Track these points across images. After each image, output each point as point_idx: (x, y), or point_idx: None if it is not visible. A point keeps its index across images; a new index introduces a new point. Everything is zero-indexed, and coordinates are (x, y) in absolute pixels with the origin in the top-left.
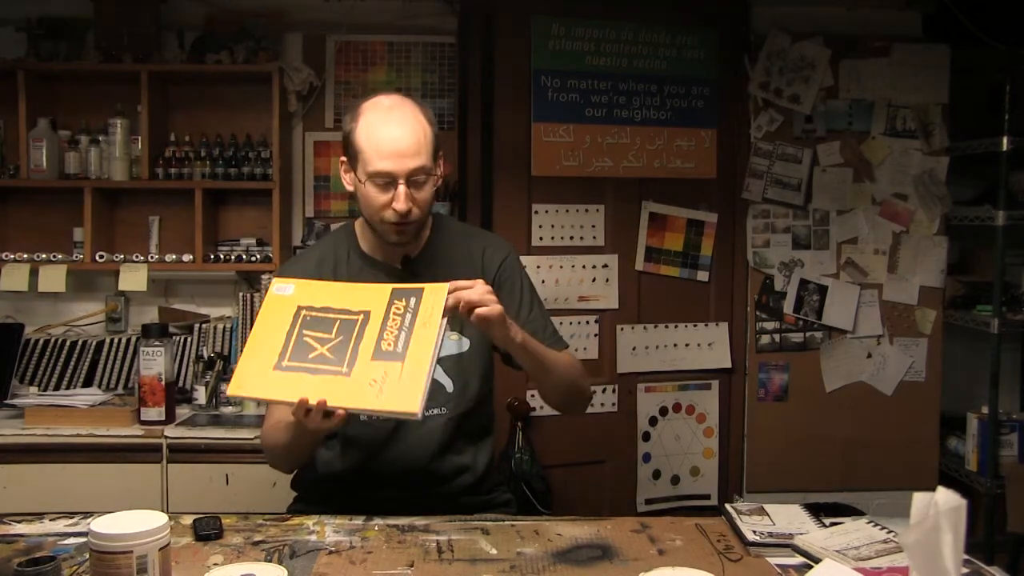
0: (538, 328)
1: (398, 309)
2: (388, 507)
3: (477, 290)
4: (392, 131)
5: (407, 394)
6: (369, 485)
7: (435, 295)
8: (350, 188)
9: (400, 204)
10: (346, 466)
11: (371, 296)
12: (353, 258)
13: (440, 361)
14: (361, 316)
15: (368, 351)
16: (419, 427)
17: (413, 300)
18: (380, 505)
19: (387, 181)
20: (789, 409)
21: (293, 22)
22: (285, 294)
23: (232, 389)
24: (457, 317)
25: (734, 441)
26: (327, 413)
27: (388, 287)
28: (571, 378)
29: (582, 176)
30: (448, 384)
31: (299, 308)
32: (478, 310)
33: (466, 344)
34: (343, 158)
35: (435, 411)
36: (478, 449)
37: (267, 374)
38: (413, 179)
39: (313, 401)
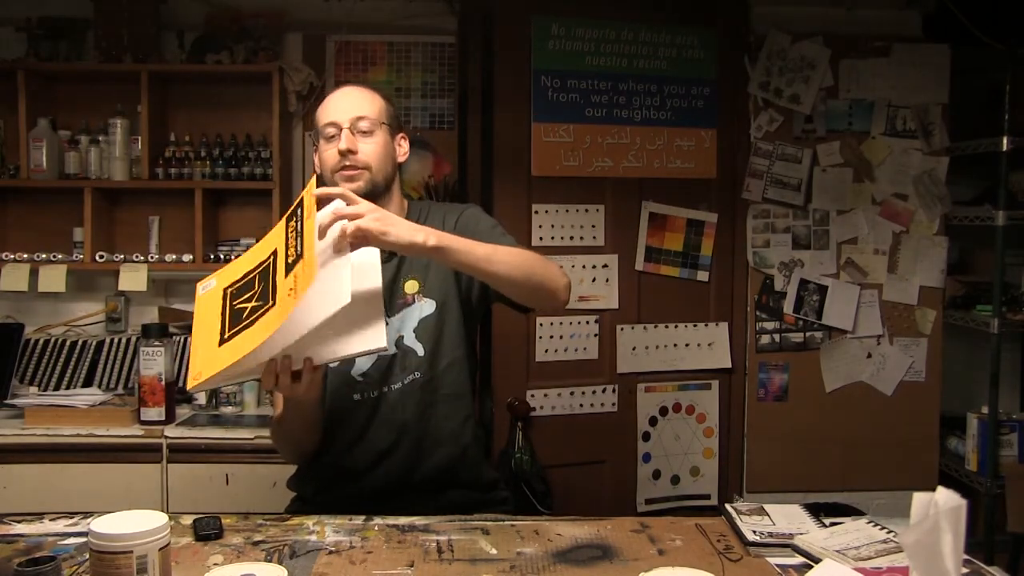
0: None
1: (292, 228)
2: (380, 491)
3: (359, 208)
4: (342, 91)
5: (308, 273)
6: (358, 467)
7: (308, 192)
8: (317, 168)
9: (343, 143)
10: (335, 448)
11: (273, 236)
12: None
13: (414, 331)
14: (271, 257)
15: (280, 273)
16: (398, 395)
17: (298, 211)
18: (371, 490)
19: (333, 132)
20: (789, 409)
21: (293, 22)
22: (210, 288)
23: (190, 384)
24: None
25: (734, 441)
26: (295, 375)
27: (283, 220)
28: (523, 265)
29: (582, 176)
30: (419, 348)
31: (224, 291)
32: (357, 223)
33: (432, 306)
34: (315, 145)
35: (410, 377)
36: (461, 414)
37: (214, 352)
38: (357, 127)
39: (265, 354)
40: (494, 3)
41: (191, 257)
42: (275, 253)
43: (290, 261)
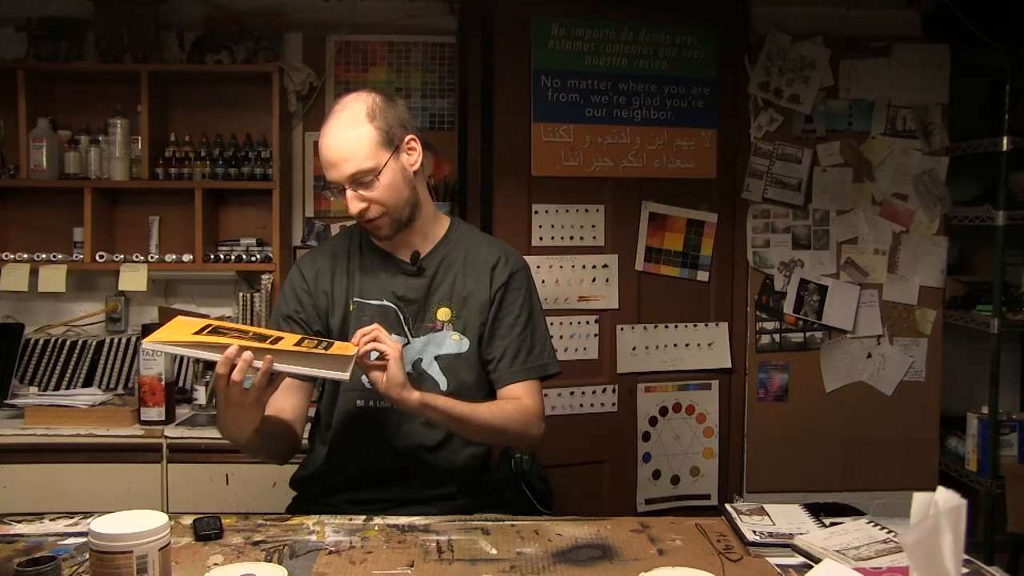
0: (509, 351)
1: (310, 343)
2: (382, 503)
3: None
4: (328, 142)
5: (346, 347)
6: (362, 480)
7: (346, 347)
8: None
9: (350, 208)
10: (338, 454)
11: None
12: (366, 251)
13: (437, 359)
14: (270, 337)
15: (285, 343)
16: (411, 422)
17: (323, 343)
18: (374, 500)
19: (339, 188)
20: (789, 409)
21: (293, 22)
22: (192, 319)
23: (146, 340)
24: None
25: (734, 441)
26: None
27: (296, 336)
28: (495, 431)
29: (582, 176)
30: (443, 382)
31: (209, 325)
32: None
33: (465, 345)
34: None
35: None
36: (472, 451)
37: (187, 336)
38: (356, 181)
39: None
40: (494, 3)
41: (191, 257)
42: (279, 339)
43: (301, 341)
